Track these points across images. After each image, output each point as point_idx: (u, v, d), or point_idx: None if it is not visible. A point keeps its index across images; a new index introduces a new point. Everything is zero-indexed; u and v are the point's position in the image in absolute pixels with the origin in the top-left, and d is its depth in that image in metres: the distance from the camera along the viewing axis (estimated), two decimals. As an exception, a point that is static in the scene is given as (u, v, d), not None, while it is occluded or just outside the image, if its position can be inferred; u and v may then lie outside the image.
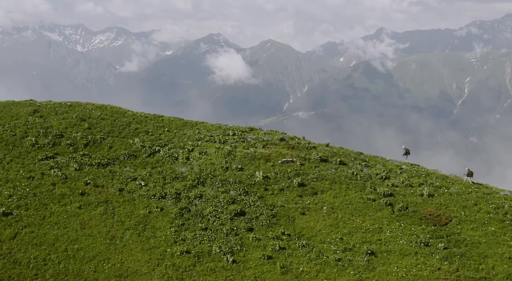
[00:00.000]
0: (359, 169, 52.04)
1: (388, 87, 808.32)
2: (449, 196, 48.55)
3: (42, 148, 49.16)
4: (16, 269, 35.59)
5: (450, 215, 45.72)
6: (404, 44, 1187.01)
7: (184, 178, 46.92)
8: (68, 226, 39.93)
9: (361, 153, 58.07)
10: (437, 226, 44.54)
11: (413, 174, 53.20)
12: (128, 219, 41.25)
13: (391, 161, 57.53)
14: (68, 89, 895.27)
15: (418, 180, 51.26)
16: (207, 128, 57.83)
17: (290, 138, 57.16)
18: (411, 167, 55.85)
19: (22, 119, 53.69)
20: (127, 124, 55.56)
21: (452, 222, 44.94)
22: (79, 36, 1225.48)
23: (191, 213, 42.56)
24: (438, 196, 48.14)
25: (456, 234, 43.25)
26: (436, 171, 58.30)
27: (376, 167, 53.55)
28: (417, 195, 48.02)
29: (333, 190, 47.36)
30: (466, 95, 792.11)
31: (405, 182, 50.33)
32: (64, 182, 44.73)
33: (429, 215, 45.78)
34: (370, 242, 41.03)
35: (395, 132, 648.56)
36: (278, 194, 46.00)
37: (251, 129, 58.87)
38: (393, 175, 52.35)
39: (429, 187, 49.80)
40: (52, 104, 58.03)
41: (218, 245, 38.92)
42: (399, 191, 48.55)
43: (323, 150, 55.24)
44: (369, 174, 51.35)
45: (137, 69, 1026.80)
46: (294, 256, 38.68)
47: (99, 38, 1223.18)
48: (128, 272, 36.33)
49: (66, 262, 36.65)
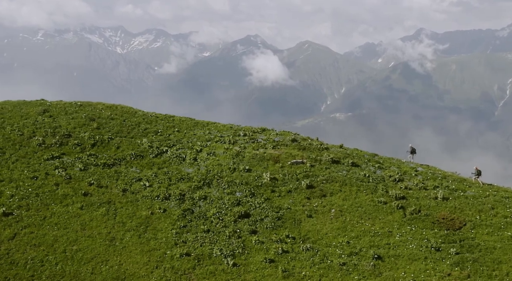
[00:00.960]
0: (372, 171, 50.54)
1: (426, 88, 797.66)
2: (465, 199, 46.79)
3: (49, 148, 48.75)
4: (13, 270, 35.05)
5: (465, 219, 44.00)
6: (444, 44, 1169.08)
7: (190, 179, 46.01)
8: (68, 227, 39.30)
9: (376, 154, 56.55)
10: (450, 230, 42.88)
11: (428, 177, 51.50)
12: (129, 220, 40.47)
13: (407, 163, 55.87)
14: (107, 90, 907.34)
15: (433, 183, 49.59)
16: (218, 129, 56.89)
17: (303, 139, 55.90)
18: (427, 169, 54.16)
19: (31, 118, 53.42)
20: (136, 124, 54.91)
21: (466, 226, 43.24)
22: (119, 38, 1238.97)
23: (194, 214, 41.61)
24: (453, 200, 46.42)
25: (470, 239, 41.56)
26: (454, 173, 56.53)
27: (390, 169, 52.01)
28: (430, 198, 46.39)
29: (343, 192, 45.98)
30: (508, 97, 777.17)
31: (419, 184, 48.70)
32: (68, 182, 44.18)
33: (442, 219, 44.12)
34: (378, 246, 39.59)
35: (432, 133, 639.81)
36: (285, 196, 44.80)
37: (263, 129, 57.74)
38: (407, 177, 50.73)
39: (444, 190, 48.12)
40: (62, 104, 57.69)
41: (219, 248, 37.90)
42: (412, 194, 46.95)
43: (336, 151, 53.85)
44: (382, 176, 49.83)
45: (175, 71, 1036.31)
46: (297, 260, 37.44)
47: (138, 40, 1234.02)
48: (125, 275, 35.51)
49: (63, 263, 35.98)
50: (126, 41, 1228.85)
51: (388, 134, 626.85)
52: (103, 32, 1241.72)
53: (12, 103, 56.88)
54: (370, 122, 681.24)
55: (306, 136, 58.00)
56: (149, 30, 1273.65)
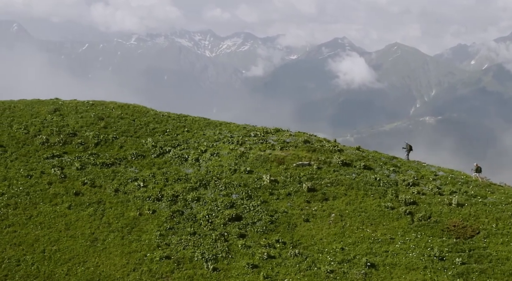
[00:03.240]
0: (385, 175, 47.64)
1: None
2: (483, 206, 43.37)
3: (52, 146, 48.18)
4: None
5: (479, 227, 40.70)
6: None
7: (187, 180, 44.43)
8: (53, 227, 38.37)
9: (394, 157, 53.48)
10: (460, 238, 39.69)
11: (447, 181, 48.14)
12: (116, 221, 39.20)
13: (428, 167, 52.50)
14: (196, 93, 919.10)
15: (451, 188, 46.27)
16: (230, 129, 55.08)
17: (317, 140, 53.40)
18: (449, 174, 50.62)
19: (41, 117, 53.13)
20: (145, 123, 53.78)
21: (479, 235, 39.96)
22: (208, 41, 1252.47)
23: (184, 216, 39.96)
24: (468, 206, 43.08)
25: (481, 249, 38.34)
26: (481, 178, 52.80)
27: (407, 173, 48.94)
28: (444, 204, 43.20)
29: (347, 196, 43.36)
30: None
31: (434, 189, 45.50)
32: (62, 181, 43.36)
33: (453, 226, 40.92)
34: (375, 254, 36.91)
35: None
36: (284, 199, 42.56)
37: (277, 130, 55.55)
38: (424, 181, 47.57)
39: (461, 196, 44.82)
40: (75, 103, 57.24)
41: (202, 251, 36.14)
42: (424, 199, 43.85)
43: (350, 153, 51.14)
44: (395, 180, 46.87)
45: (263, 73, 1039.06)
46: (283, 266, 35.22)
47: (227, 43, 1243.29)
48: (100, 277, 34.22)
49: (39, 264, 35.03)
50: (214, 45, 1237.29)
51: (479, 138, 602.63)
52: (193, 36, 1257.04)
53: (25, 102, 56.85)
54: (462, 125, 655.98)
55: (323, 138, 55.46)
56: (237, 33, 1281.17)
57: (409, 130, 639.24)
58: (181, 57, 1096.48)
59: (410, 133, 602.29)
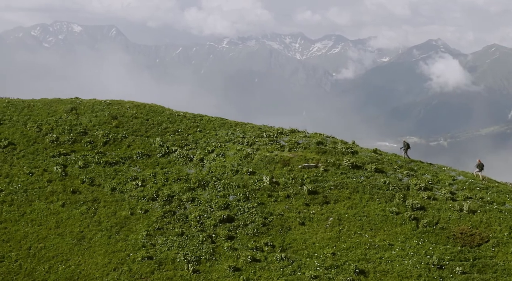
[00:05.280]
0: (397, 178, 45.42)
1: None
2: (498, 213, 40.71)
3: (61, 145, 48.27)
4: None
5: (488, 235, 38.19)
6: None
7: (187, 180, 43.58)
8: (43, 224, 38.26)
9: (413, 160, 50.91)
10: (466, 246, 37.33)
11: (464, 187, 45.44)
12: (106, 220, 38.74)
13: (448, 171, 49.71)
14: (286, 95, 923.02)
15: (466, 193, 43.69)
16: (245, 129, 53.83)
17: (333, 142, 51.49)
18: (469, 179, 47.73)
19: (56, 116, 53.39)
20: (158, 123, 53.21)
21: (488, 243, 37.58)
22: (298, 44, 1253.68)
23: (175, 216, 39.14)
24: (481, 213, 40.51)
25: (487, 258, 35.96)
26: (506, 184, 49.85)
27: (422, 177, 46.56)
28: (454, 210, 40.81)
29: (351, 199, 41.48)
30: None
31: (447, 195, 42.96)
32: (62, 179, 43.28)
33: (460, 234, 38.54)
34: (368, 260, 35.06)
35: None
36: (282, 201, 41.09)
37: (292, 131, 53.95)
38: (439, 186, 45.10)
39: (476, 202, 42.13)
40: (92, 102, 57.31)
41: (186, 253, 35.13)
42: (434, 204, 41.50)
43: (364, 156, 49.07)
44: (407, 184, 44.60)
45: (353, 76, 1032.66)
46: (266, 270, 33.86)
47: (317, 46, 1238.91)
48: (79, 275, 33.83)
49: (23, 261, 34.94)
50: (305, 48, 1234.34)
51: None
52: (283, 38, 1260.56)
53: (44, 101, 57.33)
54: None
55: (340, 139, 53.47)
56: (327, 36, 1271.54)
57: (507, 135, 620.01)
58: (272, 60, 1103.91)
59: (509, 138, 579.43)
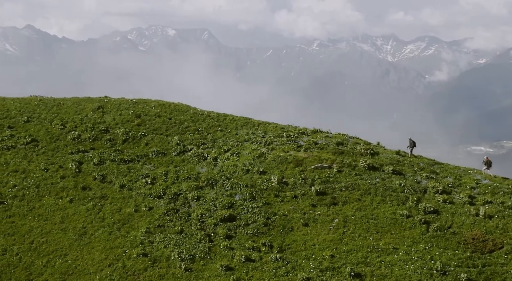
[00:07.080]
0: (415, 181, 43.77)
1: None
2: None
3: (82, 142, 49.07)
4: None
5: (503, 241, 36.32)
6: None
7: (196, 179, 43.44)
8: (49, 219, 38.91)
9: (436, 162, 48.94)
10: (477, 253, 35.61)
11: (487, 191, 43.31)
12: (110, 216, 39.05)
13: (473, 174, 47.44)
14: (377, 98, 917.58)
15: (487, 198, 41.74)
16: (267, 129, 53.10)
17: (354, 143, 50.08)
18: (495, 183, 45.40)
19: (83, 114, 54.29)
20: (180, 122, 53.24)
21: (502, 250, 35.81)
22: (390, 46, 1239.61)
23: (177, 214, 39.05)
24: (498, 218, 38.58)
25: (498, 265, 34.27)
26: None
27: (443, 180, 44.72)
28: (470, 214, 38.94)
29: (361, 201, 40.24)
30: None
31: (465, 198, 41.00)
32: (75, 175, 43.93)
33: (472, 239, 36.74)
34: (367, 264, 33.90)
35: None
36: (289, 201, 40.29)
37: (314, 131, 52.85)
38: (459, 190, 43.19)
39: (496, 207, 40.05)
40: (119, 101, 58.03)
41: (181, 251, 34.90)
42: (449, 208, 39.76)
43: (384, 157, 47.54)
44: (425, 187, 42.95)
45: (447, 78, 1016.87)
46: (259, 270, 33.27)
47: (410, 47, 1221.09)
48: (74, 270, 34.24)
49: (23, 254, 35.63)
50: (397, 49, 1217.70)
51: None
52: (375, 40, 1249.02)
53: (74, 100, 58.50)
54: None
55: (364, 140, 52.04)
56: (420, 37, 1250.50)
57: None
58: (362, 62, 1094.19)
59: None
